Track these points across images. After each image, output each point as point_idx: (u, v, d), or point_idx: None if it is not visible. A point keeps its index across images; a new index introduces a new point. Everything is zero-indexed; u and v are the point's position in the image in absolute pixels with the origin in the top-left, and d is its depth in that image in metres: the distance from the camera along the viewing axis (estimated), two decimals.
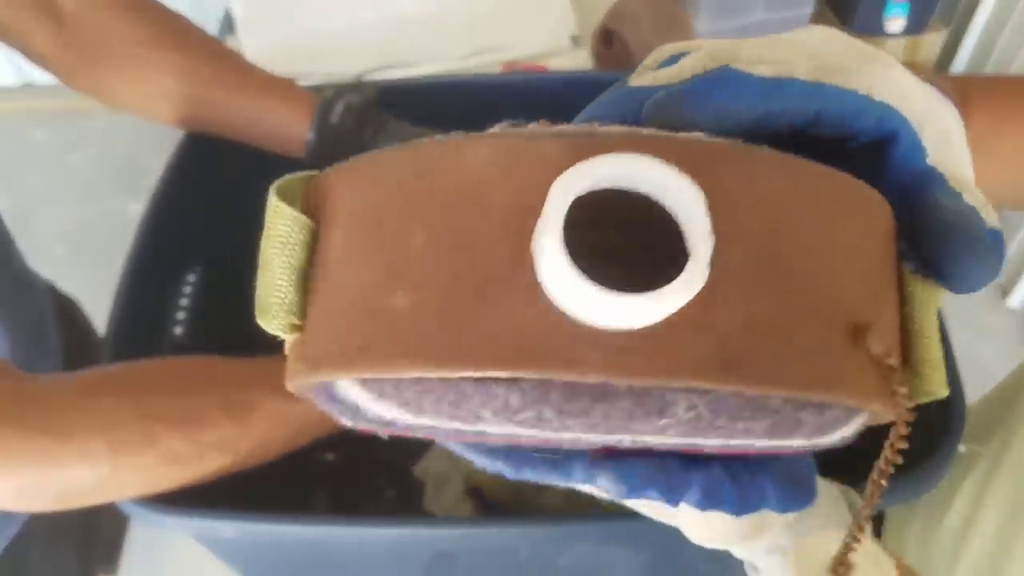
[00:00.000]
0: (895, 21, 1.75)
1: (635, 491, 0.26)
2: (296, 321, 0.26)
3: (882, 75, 0.26)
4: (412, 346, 0.21)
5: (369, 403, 0.25)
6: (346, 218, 0.25)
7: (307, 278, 0.26)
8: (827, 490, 0.36)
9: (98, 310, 0.86)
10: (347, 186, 0.26)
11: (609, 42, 1.24)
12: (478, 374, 0.21)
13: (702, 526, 0.32)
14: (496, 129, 0.28)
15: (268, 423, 0.45)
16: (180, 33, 0.59)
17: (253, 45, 1.19)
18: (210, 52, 0.60)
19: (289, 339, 0.26)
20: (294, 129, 0.59)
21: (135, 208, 2.06)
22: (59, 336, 0.74)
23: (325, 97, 0.59)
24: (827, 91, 0.25)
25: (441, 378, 0.22)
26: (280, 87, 0.60)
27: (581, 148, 0.22)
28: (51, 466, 0.39)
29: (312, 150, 0.59)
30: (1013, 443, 0.60)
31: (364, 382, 0.25)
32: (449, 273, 0.22)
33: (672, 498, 0.26)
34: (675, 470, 0.26)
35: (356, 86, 0.61)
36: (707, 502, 0.26)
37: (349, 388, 0.25)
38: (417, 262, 0.22)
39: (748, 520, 0.32)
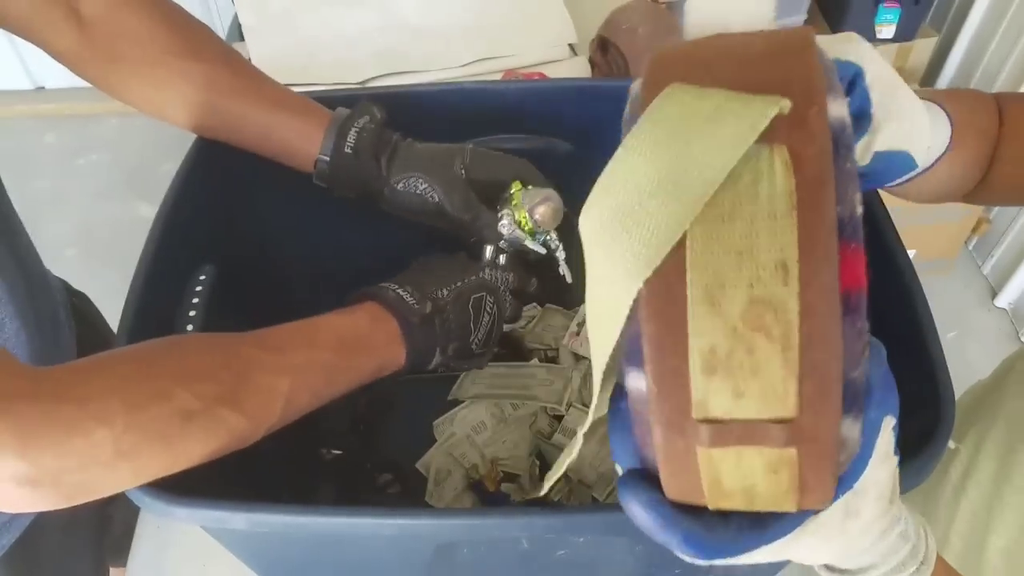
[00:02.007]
0: (886, 28, 1.77)
1: None
2: None
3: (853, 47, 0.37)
4: None
5: None
6: None
7: None
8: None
9: (108, 311, 0.89)
10: None
11: (606, 51, 1.26)
12: None
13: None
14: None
15: (268, 377, 0.47)
16: (200, 42, 0.60)
17: (260, 52, 1.21)
18: (227, 63, 0.61)
19: None
20: (303, 147, 0.61)
21: (145, 210, 2.08)
22: (72, 331, 0.75)
23: (337, 120, 0.61)
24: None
25: None
26: (293, 103, 0.62)
27: None
28: (71, 433, 0.39)
29: (323, 170, 0.62)
30: (1006, 400, 0.65)
31: None
32: None
33: None
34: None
35: (366, 106, 0.63)
36: None
37: None
38: None
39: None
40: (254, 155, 0.67)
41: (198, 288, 0.60)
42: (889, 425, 0.29)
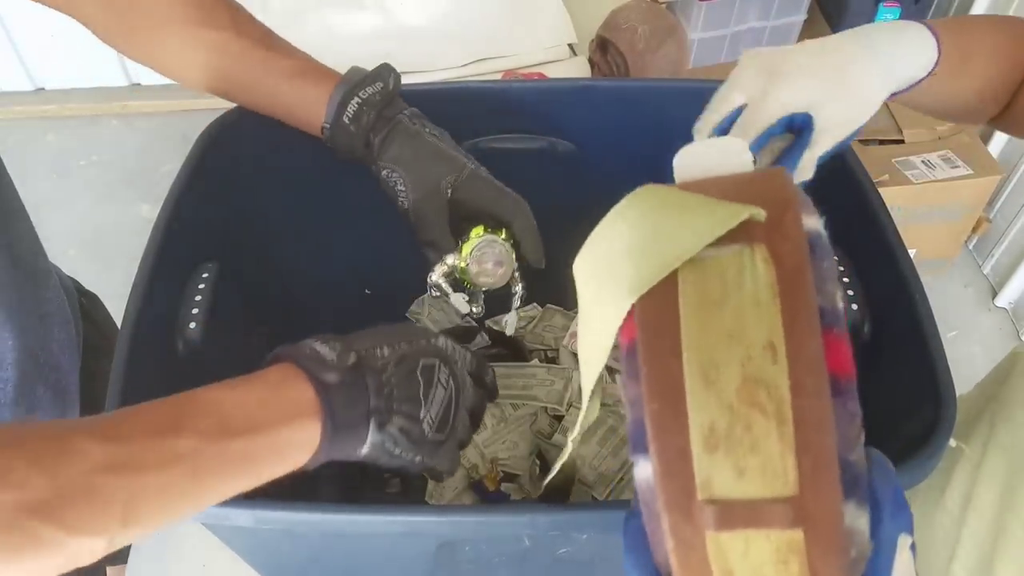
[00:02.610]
0: None
1: None
2: None
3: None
4: None
5: None
6: None
7: None
8: None
9: (111, 310, 0.89)
10: None
11: (605, 50, 1.27)
12: None
13: None
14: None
15: (100, 477, 0.36)
16: (212, 10, 0.61)
17: None
18: (238, 30, 0.61)
19: None
20: (310, 113, 0.60)
21: (146, 211, 2.08)
22: (79, 332, 0.75)
23: (343, 87, 0.59)
24: None
25: None
26: (303, 69, 0.61)
27: None
28: None
29: (327, 136, 0.61)
30: (998, 426, 0.64)
31: None
32: None
33: None
34: None
35: (379, 73, 0.60)
36: None
37: None
38: None
39: None
40: (256, 152, 0.68)
41: (200, 286, 0.60)
42: (906, 544, 0.29)
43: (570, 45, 1.33)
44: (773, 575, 0.26)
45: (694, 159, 0.34)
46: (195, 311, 0.59)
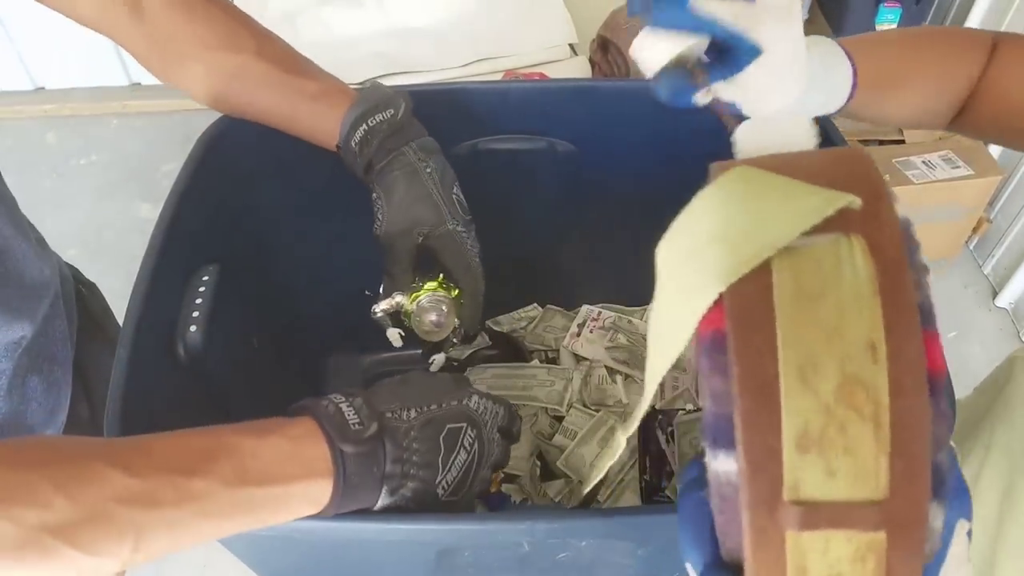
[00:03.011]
0: (887, 27, 1.77)
1: None
2: None
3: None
4: None
5: None
6: None
7: None
8: None
9: (111, 310, 0.89)
10: None
11: (606, 50, 1.27)
12: None
13: None
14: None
15: (120, 508, 0.38)
16: (234, 35, 0.63)
17: None
18: (260, 54, 0.63)
19: None
20: (327, 134, 0.62)
21: (146, 211, 2.07)
22: (72, 324, 0.74)
23: (356, 111, 0.61)
24: None
25: None
26: (322, 92, 0.62)
27: None
28: None
29: (341, 157, 0.63)
30: (999, 428, 0.64)
31: None
32: None
33: None
34: None
35: (391, 100, 0.62)
36: None
37: None
38: None
39: None
40: (256, 154, 0.68)
41: (201, 289, 0.60)
42: (964, 529, 0.29)
43: (571, 45, 1.33)
44: (849, 572, 0.26)
45: (756, 135, 0.33)
46: (195, 314, 0.59)
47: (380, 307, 0.65)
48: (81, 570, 0.38)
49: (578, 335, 0.86)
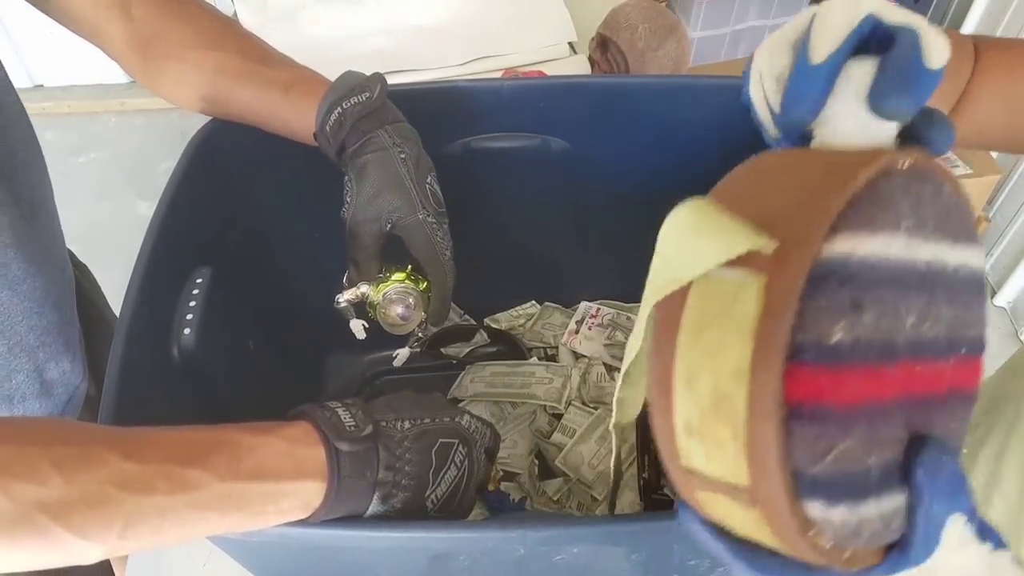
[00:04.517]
0: None
1: None
2: None
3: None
4: None
5: None
6: None
7: None
8: None
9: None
10: None
11: (605, 49, 1.27)
12: None
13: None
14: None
15: (113, 490, 0.38)
16: (215, 33, 0.63)
17: None
18: (239, 50, 0.63)
19: None
20: (303, 125, 0.62)
21: (144, 208, 2.08)
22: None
23: (332, 96, 0.60)
24: None
25: None
26: (295, 80, 0.62)
27: None
28: None
29: (319, 145, 0.62)
30: (1022, 416, 0.66)
31: None
32: None
33: None
34: None
35: (368, 82, 0.61)
36: None
37: None
38: None
39: None
40: (250, 154, 0.68)
41: (195, 291, 0.60)
42: (959, 521, 0.31)
43: (570, 43, 1.33)
44: (740, 520, 0.31)
45: (840, 123, 0.35)
46: (189, 316, 0.59)
47: (344, 297, 0.63)
48: (69, 552, 0.38)
49: (576, 332, 0.86)
